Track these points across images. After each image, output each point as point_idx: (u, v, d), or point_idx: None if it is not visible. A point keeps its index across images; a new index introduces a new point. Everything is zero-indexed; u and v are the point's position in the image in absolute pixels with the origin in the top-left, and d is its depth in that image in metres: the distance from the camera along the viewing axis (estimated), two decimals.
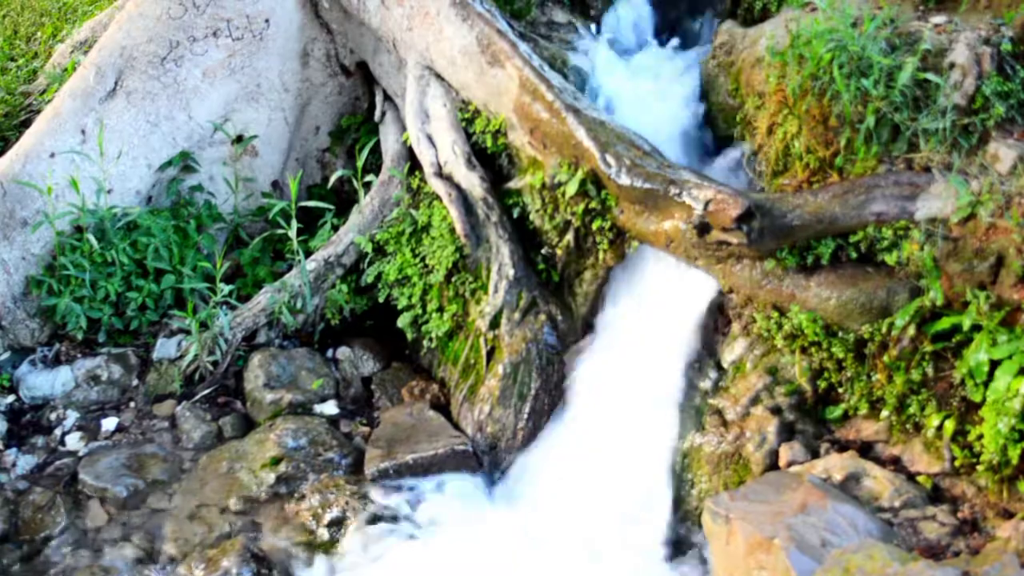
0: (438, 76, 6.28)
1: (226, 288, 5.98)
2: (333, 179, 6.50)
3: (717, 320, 5.45)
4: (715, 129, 6.10)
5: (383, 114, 6.88)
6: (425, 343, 6.11)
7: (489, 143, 6.04)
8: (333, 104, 7.22)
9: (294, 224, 6.12)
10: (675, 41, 6.64)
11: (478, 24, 5.93)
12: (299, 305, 6.16)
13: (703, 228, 5.08)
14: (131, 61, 6.41)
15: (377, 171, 6.69)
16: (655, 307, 5.64)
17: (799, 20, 5.37)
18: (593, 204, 5.50)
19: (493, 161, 6.15)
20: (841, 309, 4.91)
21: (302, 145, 7.22)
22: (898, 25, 5.27)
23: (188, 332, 6.05)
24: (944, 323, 4.75)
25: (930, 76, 4.91)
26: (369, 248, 6.22)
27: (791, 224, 4.98)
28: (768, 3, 6.37)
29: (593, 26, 6.86)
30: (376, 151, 6.86)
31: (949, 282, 4.79)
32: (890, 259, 4.88)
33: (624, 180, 5.27)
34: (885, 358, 4.86)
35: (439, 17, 6.08)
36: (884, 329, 4.85)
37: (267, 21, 6.56)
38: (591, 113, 5.59)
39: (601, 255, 5.64)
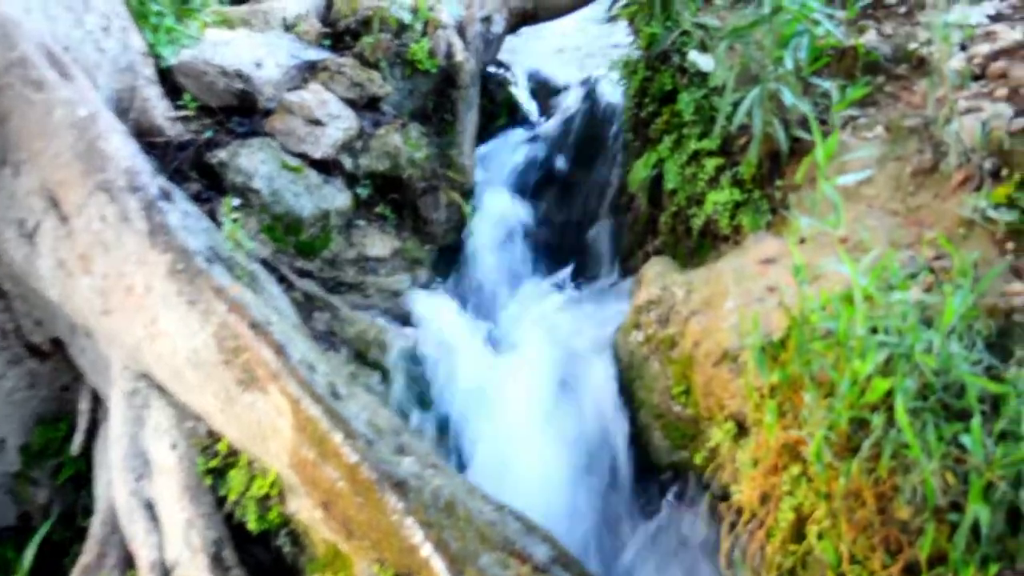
0: (162, 389, 3.60)
1: None
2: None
3: None
4: (648, 450, 3.59)
5: (91, 428, 4.17)
6: None
7: (252, 518, 3.41)
8: (22, 404, 4.49)
9: None
10: (567, 284, 4.10)
11: (216, 310, 3.34)
12: None
13: None
14: None
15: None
16: None
17: (792, 275, 2.90)
18: None
19: (266, 542, 3.47)
20: None
21: None
22: (984, 292, 2.84)
23: None
24: None
25: None
26: None
27: None
28: (714, 221, 3.89)
29: (433, 257, 4.27)
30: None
31: None
32: None
33: None
34: None
35: (151, 296, 3.46)
36: None
37: None
38: (431, 483, 3.00)
39: None
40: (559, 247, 4.81)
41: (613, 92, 5.13)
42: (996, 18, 4.06)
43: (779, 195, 3.85)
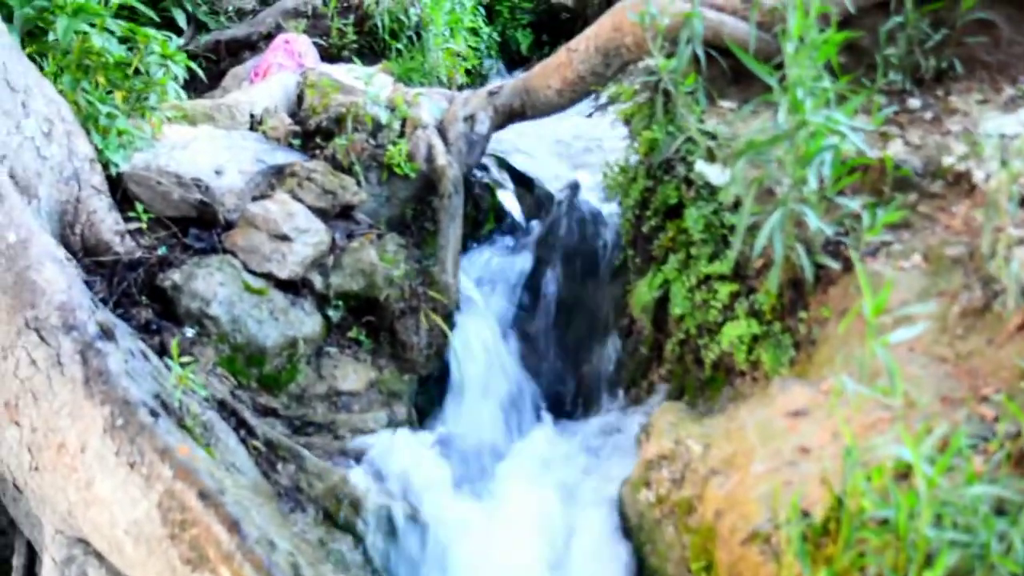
0: (101, 557, 3.13)
1: None
2: None
3: None
4: None
5: None
6: None
7: None
8: None
9: None
10: (563, 419, 3.70)
11: (161, 475, 2.90)
12: None
13: None
14: None
15: None
16: None
17: (843, 459, 2.50)
18: None
19: None
20: None
21: None
22: None
23: None
24: None
25: None
26: None
27: None
28: (728, 355, 3.47)
29: (413, 389, 3.84)
30: None
31: None
32: None
33: None
34: None
35: (86, 455, 3.01)
36: None
37: None
38: None
39: None
40: (552, 375, 4.39)
41: (604, 198, 4.72)
42: None
43: (803, 329, 3.44)
